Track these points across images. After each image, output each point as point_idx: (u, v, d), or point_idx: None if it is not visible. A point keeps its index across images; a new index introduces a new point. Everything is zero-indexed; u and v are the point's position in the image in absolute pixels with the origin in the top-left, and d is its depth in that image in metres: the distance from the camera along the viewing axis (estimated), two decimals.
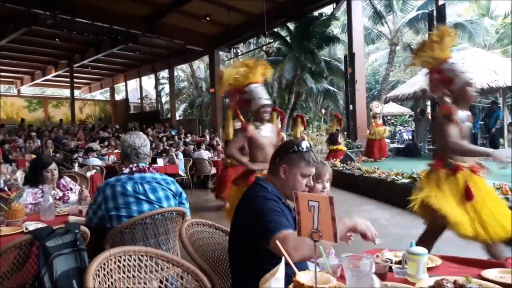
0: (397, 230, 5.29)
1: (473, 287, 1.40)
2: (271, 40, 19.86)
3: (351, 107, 15.33)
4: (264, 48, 22.54)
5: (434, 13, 12.68)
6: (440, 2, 12.40)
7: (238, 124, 5.60)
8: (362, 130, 15.37)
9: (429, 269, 1.73)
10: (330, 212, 1.21)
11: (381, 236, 1.79)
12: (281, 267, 1.14)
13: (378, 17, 20.54)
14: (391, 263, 1.73)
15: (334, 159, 10.65)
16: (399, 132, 21.55)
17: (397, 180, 7.01)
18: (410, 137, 19.06)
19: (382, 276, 1.51)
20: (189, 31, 17.13)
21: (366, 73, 25.90)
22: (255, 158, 3.80)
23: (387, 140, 14.23)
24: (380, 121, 12.50)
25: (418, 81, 15.64)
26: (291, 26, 18.62)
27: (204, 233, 2.29)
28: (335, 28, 22.49)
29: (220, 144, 12.55)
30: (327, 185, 2.30)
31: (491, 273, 1.64)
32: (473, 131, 14.17)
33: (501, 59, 15.60)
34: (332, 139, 11.71)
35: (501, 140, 13.41)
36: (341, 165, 9.89)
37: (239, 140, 3.84)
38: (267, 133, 3.81)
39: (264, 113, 3.80)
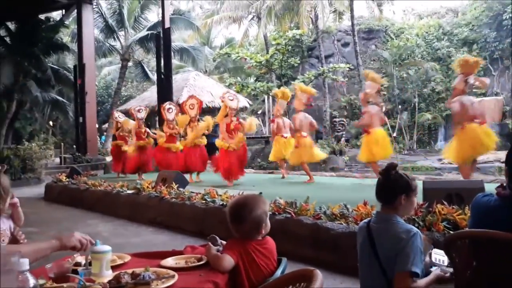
0: (119, 240, 5.42)
1: (147, 274, 1.64)
2: None
3: (80, 119, 14.81)
4: None
5: (161, 35, 13.59)
6: (167, 26, 13.44)
7: None
8: (92, 143, 15.03)
9: (117, 266, 1.91)
10: None
11: None
12: None
13: (110, 31, 20.49)
14: (82, 266, 1.82)
15: (60, 174, 10.07)
16: None
17: (122, 192, 7.17)
18: None
19: (64, 278, 1.59)
20: None
21: (99, 86, 25.48)
22: None
23: None
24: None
25: (147, 97, 16.47)
26: (12, 26, 16.71)
27: None
28: (65, 36, 21.24)
29: None
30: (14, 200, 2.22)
31: (168, 261, 1.96)
32: None
33: (217, 84, 18.12)
34: None
35: None
36: (67, 179, 9.40)
37: None
38: None
39: None
